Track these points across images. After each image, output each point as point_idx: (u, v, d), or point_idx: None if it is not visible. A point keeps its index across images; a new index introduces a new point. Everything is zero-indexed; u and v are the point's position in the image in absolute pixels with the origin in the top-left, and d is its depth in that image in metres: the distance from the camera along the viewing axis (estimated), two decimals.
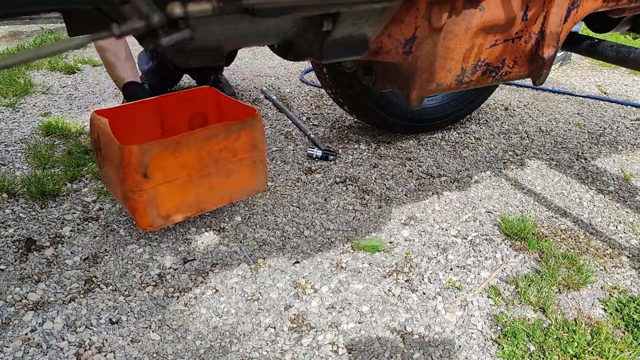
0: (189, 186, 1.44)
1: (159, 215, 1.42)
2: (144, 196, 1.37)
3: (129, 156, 1.32)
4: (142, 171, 1.33)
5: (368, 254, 1.59)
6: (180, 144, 1.37)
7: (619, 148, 2.33)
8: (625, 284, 1.50)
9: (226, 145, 1.45)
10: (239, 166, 1.52)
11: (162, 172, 1.38)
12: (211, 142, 1.42)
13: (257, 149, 1.54)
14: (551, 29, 1.21)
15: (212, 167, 1.46)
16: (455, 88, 1.23)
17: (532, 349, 1.26)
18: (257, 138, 1.51)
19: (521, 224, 1.70)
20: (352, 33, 0.92)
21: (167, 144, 1.36)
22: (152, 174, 1.36)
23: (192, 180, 1.44)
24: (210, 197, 1.51)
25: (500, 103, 2.79)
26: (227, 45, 0.86)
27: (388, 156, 2.19)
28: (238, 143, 1.47)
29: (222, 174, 1.49)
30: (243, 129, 1.48)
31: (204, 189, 1.48)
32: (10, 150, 2.20)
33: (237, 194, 1.58)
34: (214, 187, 1.50)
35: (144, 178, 1.34)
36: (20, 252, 1.57)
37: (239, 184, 1.56)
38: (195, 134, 1.40)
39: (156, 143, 1.35)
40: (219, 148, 1.44)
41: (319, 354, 1.25)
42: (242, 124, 1.48)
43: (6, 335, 1.28)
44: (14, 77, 3.01)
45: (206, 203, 1.52)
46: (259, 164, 1.57)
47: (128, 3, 0.65)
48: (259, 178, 1.59)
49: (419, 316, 1.37)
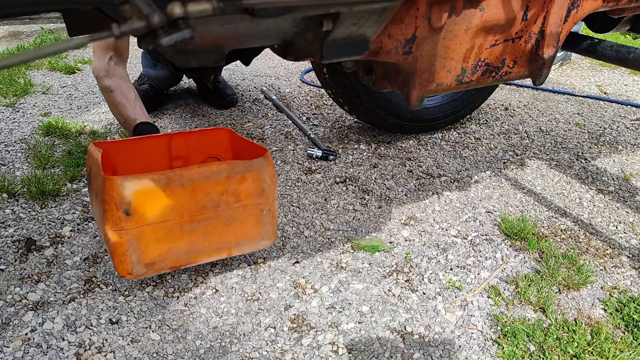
0: (181, 231, 1.23)
1: (140, 261, 1.22)
2: (124, 237, 1.16)
3: (109, 189, 1.13)
4: (123, 207, 1.14)
5: (368, 254, 1.59)
6: (173, 180, 1.18)
7: (619, 148, 2.33)
8: (625, 284, 1.50)
9: (228, 188, 1.24)
10: (242, 213, 1.29)
11: (149, 211, 1.17)
12: (210, 182, 1.22)
13: (266, 196, 1.31)
14: (551, 29, 1.21)
15: (210, 212, 1.24)
16: (456, 88, 1.23)
17: (532, 349, 1.26)
18: (265, 182, 1.29)
19: (521, 224, 1.70)
20: (352, 33, 0.92)
21: (157, 179, 1.16)
22: (136, 212, 1.15)
23: (184, 225, 1.22)
24: (206, 247, 1.29)
25: (500, 103, 2.79)
26: (227, 45, 0.86)
27: (388, 156, 2.19)
28: (242, 186, 1.26)
29: (221, 221, 1.27)
30: (249, 171, 1.26)
31: (199, 237, 1.26)
32: (10, 150, 2.20)
33: (239, 247, 1.35)
34: (211, 235, 1.28)
35: (126, 215, 1.14)
36: (20, 252, 1.57)
37: (242, 234, 1.32)
38: (191, 170, 1.21)
39: (143, 176, 1.16)
40: (219, 190, 1.24)
41: (319, 354, 1.25)
42: (248, 165, 1.27)
43: (6, 335, 1.28)
44: (14, 77, 3.01)
45: (200, 254, 1.30)
46: (266, 213, 1.33)
47: (128, 3, 0.65)
48: (266, 230, 1.35)
49: (419, 316, 1.37)
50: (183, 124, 2.48)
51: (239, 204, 1.27)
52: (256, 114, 2.62)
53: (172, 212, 1.20)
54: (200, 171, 1.21)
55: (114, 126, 2.46)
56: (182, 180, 1.18)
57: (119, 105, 2.03)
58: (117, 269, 1.24)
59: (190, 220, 1.23)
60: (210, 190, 1.22)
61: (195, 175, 1.21)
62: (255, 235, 1.34)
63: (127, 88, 2.06)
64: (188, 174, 1.20)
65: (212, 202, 1.23)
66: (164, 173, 1.17)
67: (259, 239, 1.35)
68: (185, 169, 1.21)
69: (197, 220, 1.23)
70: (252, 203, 1.29)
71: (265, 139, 2.34)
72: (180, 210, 1.20)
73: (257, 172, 1.27)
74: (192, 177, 1.20)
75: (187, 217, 1.22)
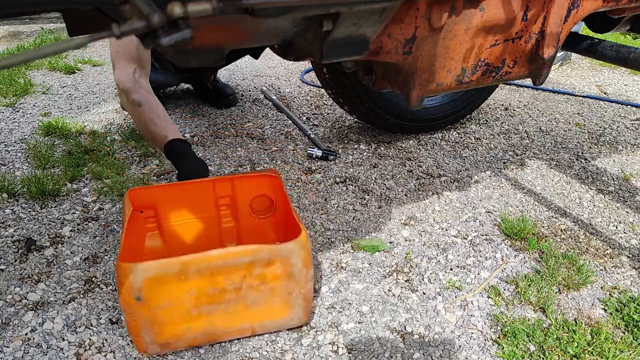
0: (199, 313, 1.18)
1: (154, 342, 1.18)
2: (136, 320, 1.14)
3: (120, 275, 1.11)
4: (134, 294, 1.10)
5: (368, 254, 1.59)
6: (188, 266, 1.12)
7: (619, 148, 2.33)
8: (625, 284, 1.50)
9: (251, 272, 1.16)
10: (268, 295, 1.20)
11: (162, 295, 1.13)
12: (229, 268, 1.15)
13: (296, 280, 1.20)
14: (551, 29, 1.21)
15: (231, 294, 1.17)
16: (456, 88, 1.23)
17: (532, 349, 1.26)
18: (296, 267, 1.18)
19: (521, 224, 1.70)
20: (352, 33, 0.92)
21: (170, 265, 1.11)
22: (148, 296, 1.12)
23: (202, 307, 1.17)
24: (226, 327, 1.23)
25: (500, 103, 2.79)
26: (227, 45, 0.86)
27: (388, 156, 2.19)
28: (269, 270, 1.17)
29: (243, 303, 1.19)
30: (277, 256, 1.16)
31: (219, 317, 1.20)
32: (10, 150, 2.20)
33: (263, 327, 1.27)
34: (232, 315, 1.21)
35: (137, 301, 1.11)
36: (20, 252, 1.57)
37: (268, 316, 1.24)
38: (209, 257, 1.13)
39: (155, 264, 1.11)
40: (241, 274, 1.16)
41: (319, 354, 1.25)
42: (276, 251, 1.16)
43: (6, 335, 1.28)
44: (14, 77, 3.01)
45: (220, 334, 1.24)
46: (297, 295, 1.22)
47: (128, 3, 0.65)
48: (295, 312, 1.25)
49: (419, 316, 1.37)
50: (183, 124, 2.48)
51: (264, 286, 1.19)
52: (256, 114, 2.62)
53: (188, 296, 1.15)
54: (219, 257, 1.13)
55: (114, 126, 2.46)
56: (198, 266, 1.12)
57: (148, 121, 1.87)
58: (136, 346, 1.22)
59: (209, 302, 1.17)
60: (231, 273, 1.15)
61: (214, 262, 1.13)
62: (283, 316, 1.25)
63: (156, 102, 1.92)
64: (205, 260, 1.13)
65: (233, 285, 1.16)
66: (179, 260, 1.11)
67: (288, 320, 1.27)
68: (204, 256, 1.12)
69: (217, 302, 1.17)
70: (280, 286, 1.20)
71: (265, 139, 2.34)
72: (197, 293, 1.15)
73: (285, 258, 1.16)
74: (210, 263, 1.13)
75: (204, 300, 1.16)
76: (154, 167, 2.08)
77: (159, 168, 2.07)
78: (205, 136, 2.36)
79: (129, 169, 2.06)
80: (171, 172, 2.04)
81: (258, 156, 2.18)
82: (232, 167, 2.09)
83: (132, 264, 1.10)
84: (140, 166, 2.09)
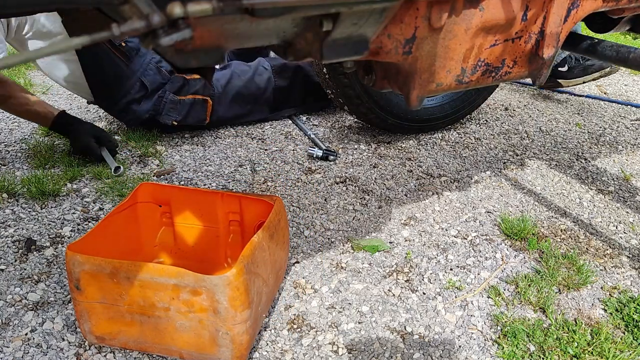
0: (132, 319, 1.18)
1: (91, 332, 1.22)
2: (77, 306, 1.19)
3: (66, 260, 1.15)
4: (74, 282, 1.16)
5: (368, 254, 1.59)
6: (119, 270, 1.13)
7: (619, 148, 2.33)
8: (625, 284, 1.50)
9: (178, 295, 1.12)
10: (196, 325, 1.15)
11: (98, 291, 1.16)
12: (156, 284, 1.12)
13: (222, 319, 1.12)
14: (551, 29, 1.20)
15: (160, 312, 1.16)
16: (455, 88, 1.23)
17: (532, 349, 1.26)
18: (221, 305, 1.11)
19: (521, 224, 1.70)
20: (352, 33, 0.92)
21: (103, 265, 1.13)
22: (85, 288, 1.16)
23: (134, 314, 1.17)
24: (156, 343, 1.21)
25: (500, 103, 2.79)
26: (227, 45, 0.86)
27: (388, 156, 2.19)
28: (196, 299, 1.12)
29: (173, 324, 1.17)
30: (202, 286, 1.10)
31: (150, 331, 1.19)
32: (10, 150, 2.20)
33: (191, 356, 1.21)
34: (162, 333, 1.19)
35: (77, 289, 1.16)
36: (20, 252, 1.57)
37: (195, 346, 1.18)
38: (136, 267, 1.12)
39: (90, 259, 1.13)
40: (169, 294, 1.13)
41: (319, 354, 1.25)
42: (200, 281, 1.10)
43: (6, 335, 1.28)
44: (14, 77, 3.01)
45: (150, 347, 1.23)
46: (223, 335, 1.15)
47: (128, 3, 0.65)
48: (222, 352, 1.17)
49: (419, 316, 1.37)
50: None
51: (192, 315, 1.14)
52: None
53: (121, 299, 1.16)
54: (146, 269, 1.13)
55: (113, 126, 2.46)
56: (127, 273, 1.13)
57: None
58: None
59: (140, 312, 1.17)
60: (158, 291, 1.14)
61: (142, 273, 1.13)
62: (210, 352, 1.19)
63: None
64: (133, 269, 1.13)
65: (162, 303, 1.15)
66: (111, 262, 1.13)
67: (214, 358, 1.19)
68: (131, 264, 1.13)
69: (148, 314, 1.17)
70: (207, 319, 1.14)
71: (265, 139, 2.34)
72: (129, 300, 1.16)
73: (210, 291, 1.10)
74: (138, 273, 1.13)
75: (136, 308, 1.17)
76: (154, 167, 2.09)
77: (159, 168, 2.07)
78: (205, 136, 2.36)
79: (129, 169, 2.06)
80: (171, 172, 2.04)
81: (258, 156, 2.18)
82: (232, 167, 2.09)
83: (73, 254, 1.14)
84: (140, 166, 2.09)
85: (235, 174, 2.04)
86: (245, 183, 1.98)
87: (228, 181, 1.99)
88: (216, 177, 2.02)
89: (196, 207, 1.46)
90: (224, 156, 2.17)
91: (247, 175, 2.04)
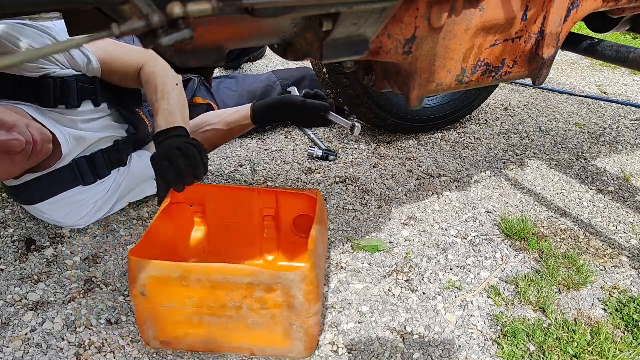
0: (200, 321, 1.19)
1: (155, 338, 1.22)
2: (140, 313, 1.19)
3: (130, 268, 1.14)
4: (140, 289, 1.14)
5: (368, 254, 1.59)
6: (190, 273, 1.13)
7: (619, 148, 2.33)
8: (625, 284, 1.50)
9: (252, 294, 1.14)
10: (269, 321, 1.18)
11: (166, 296, 1.16)
12: (229, 284, 1.13)
13: (297, 313, 1.16)
14: (551, 29, 1.21)
15: (231, 311, 1.17)
16: (455, 88, 1.23)
17: (532, 349, 1.26)
18: (297, 299, 1.14)
19: (521, 224, 1.70)
20: (352, 33, 0.92)
21: (172, 269, 1.13)
22: (151, 294, 1.15)
23: (203, 316, 1.18)
24: (225, 342, 1.23)
25: (500, 103, 2.79)
26: (227, 45, 0.86)
27: (388, 156, 2.19)
28: (270, 296, 1.14)
29: (244, 323, 1.18)
30: (277, 283, 1.12)
31: (219, 331, 1.20)
32: None
33: (262, 351, 1.24)
34: (232, 332, 1.20)
35: (142, 295, 1.15)
36: (20, 252, 1.57)
37: (267, 341, 1.21)
38: (208, 269, 1.13)
39: (158, 265, 1.13)
40: (241, 293, 1.14)
41: (319, 354, 1.25)
42: (276, 278, 1.12)
43: (6, 335, 1.28)
44: None
45: (219, 347, 1.24)
46: (297, 329, 1.18)
47: (128, 3, 0.65)
48: (295, 345, 1.21)
49: (419, 316, 1.37)
50: None
51: (265, 311, 1.16)
52: None
53: (190, 302, 1.16)
54: (219, 271, 1.13)
55: None
56: (198, 275, 1.13)
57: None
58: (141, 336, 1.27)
59: (210, 313, 1.17)
60: (231, 291, 1.15)
61: (214, 275, 1.13)
62: (283, 346, 1.22)
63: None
64: (205, 271, 1.13)
65: (233, 303, 1.16)
66: (180, 265, 1.13)
67: (287, 351, 1.23)
68: (205, 267, 1.14)
69: (217, 315, 1.17)
70: (281, 315, 1.17)
71: (265, 139, 2.34)
72: (199, 302, 1.16)
73: (286, 287, 1.12)
74: (210, 275, 1.13)
75: (206, 310, 1.17)
76: None
77: None
78: None
79: None
80: None
81: (258, 156, 2.18)
82: (232, 167, 2.09)
83: (139, 260, 1.12)
84: None
85: (235, 173, 2.04)
86: (245, 183, 1.98)
87: (228, 181, 1.99)
88: (216, 177, 2.02)
89: (231, 204, 1.45)
90: (223, 156, 2.17)
91: (247, 175, 2.04)
